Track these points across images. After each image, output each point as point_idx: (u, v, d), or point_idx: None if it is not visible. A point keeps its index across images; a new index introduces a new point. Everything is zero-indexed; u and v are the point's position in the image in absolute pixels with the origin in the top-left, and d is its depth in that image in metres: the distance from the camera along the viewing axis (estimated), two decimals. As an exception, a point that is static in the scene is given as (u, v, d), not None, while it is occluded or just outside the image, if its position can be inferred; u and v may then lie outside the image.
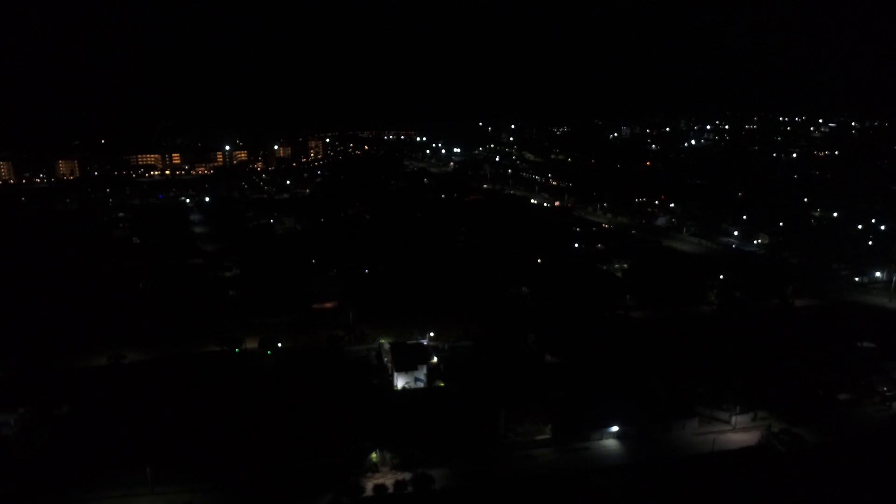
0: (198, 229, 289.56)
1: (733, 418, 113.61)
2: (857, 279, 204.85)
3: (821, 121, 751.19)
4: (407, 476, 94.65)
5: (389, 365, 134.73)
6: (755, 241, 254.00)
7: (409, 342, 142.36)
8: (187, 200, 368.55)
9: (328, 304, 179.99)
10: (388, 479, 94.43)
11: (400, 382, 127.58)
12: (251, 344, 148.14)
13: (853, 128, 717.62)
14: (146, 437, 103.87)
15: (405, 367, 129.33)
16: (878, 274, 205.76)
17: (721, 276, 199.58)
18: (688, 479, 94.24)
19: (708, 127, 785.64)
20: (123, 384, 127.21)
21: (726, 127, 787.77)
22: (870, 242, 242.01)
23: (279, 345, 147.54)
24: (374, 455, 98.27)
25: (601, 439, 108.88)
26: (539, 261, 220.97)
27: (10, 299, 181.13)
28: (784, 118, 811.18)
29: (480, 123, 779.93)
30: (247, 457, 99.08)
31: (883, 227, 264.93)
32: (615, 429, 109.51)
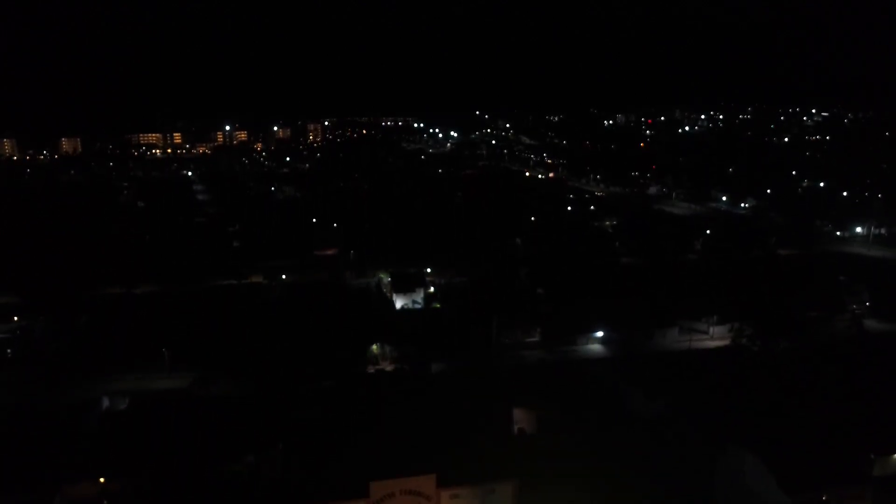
0: (200, 197, 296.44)
1: (711, 329, 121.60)
2: (838, 233, 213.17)
3: (814, 111, 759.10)
4: (405, 367, 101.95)
5: (389, 293, 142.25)
6: (743, 205, 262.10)
7: (407, 272, 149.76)
8: (189, 174, 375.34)
9: (329, 251, 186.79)
10: (387, 368, 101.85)
11: (398, 303, 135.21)
12: (256, 279, 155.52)
13: (847, 118, 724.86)
14: (160, 337, 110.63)
15: (403, 290, 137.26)
16: (858, 229, 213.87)
17: (707, 231, 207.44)
18: (665, 366, 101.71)
19: (703, 116, 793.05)
20: (137, 305, 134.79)
21: (720, 117, 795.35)
22: (853, 205, 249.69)
23: (283, 276, 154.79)
24: (374, 347, 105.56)
25: (587, 344, 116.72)
26: (532, 219, 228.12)
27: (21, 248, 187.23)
28: (779, 109, 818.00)
29: (477, 112, 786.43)
30: (256, 352, 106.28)
31: (866, 194, 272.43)
32: (600, 334, 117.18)
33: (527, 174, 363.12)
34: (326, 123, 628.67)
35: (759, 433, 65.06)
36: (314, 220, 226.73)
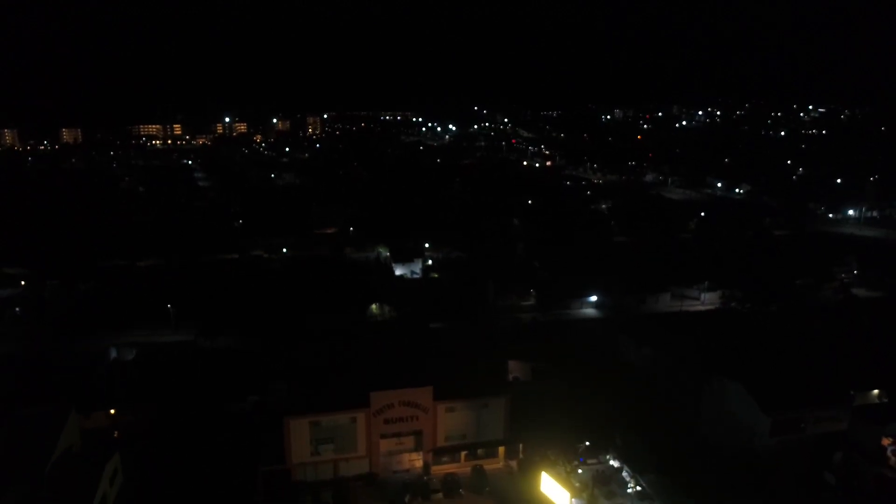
0: (201, 184, 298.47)
1: (702, 295, 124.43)
2: (831, 216, 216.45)
3: (811, 107, 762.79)
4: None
5: (388, 264, 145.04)
6: (738, 191, 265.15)
7: (406, 244, 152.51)
8: (189, 162, 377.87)
9: (329, 230, 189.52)
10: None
11: (398, 272, 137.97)
12: (257, 254, 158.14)
13: (843, 114, 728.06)
14: (165, 299, 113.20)
15: (402, 260, 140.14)
16: (850, 212, 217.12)
17: (702, 214, 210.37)
18: (656, 323, 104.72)
19: (700, 112, 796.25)
20: (141, 274, 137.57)
21: (718, 113, 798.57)
22: (846, 190, 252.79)
23: (284, 250, 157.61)
24: (374, 307, 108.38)
25: (580, 308, 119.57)
26: (530, 202, 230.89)
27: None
28: (776, 106, 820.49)
29: (475, 107, 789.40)
30: (259, 311, 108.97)
31: (859, 181, 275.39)
32: (593, 299, 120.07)
33: (524, 164, 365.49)
34: (325, 116, 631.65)
35: (743, 368, 67.95)
36: (314, 203, 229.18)
